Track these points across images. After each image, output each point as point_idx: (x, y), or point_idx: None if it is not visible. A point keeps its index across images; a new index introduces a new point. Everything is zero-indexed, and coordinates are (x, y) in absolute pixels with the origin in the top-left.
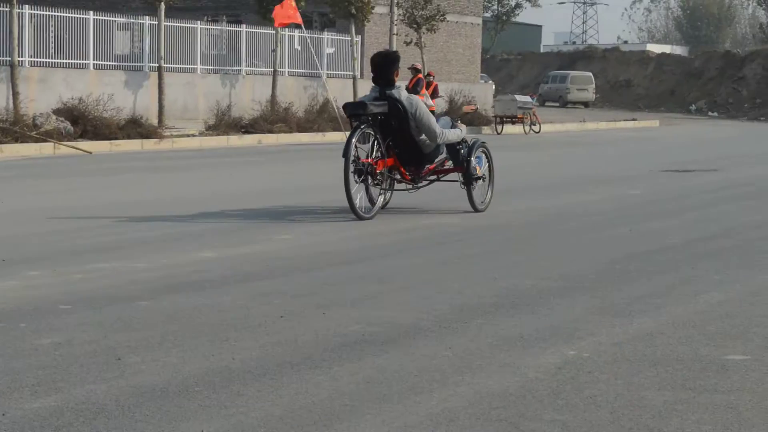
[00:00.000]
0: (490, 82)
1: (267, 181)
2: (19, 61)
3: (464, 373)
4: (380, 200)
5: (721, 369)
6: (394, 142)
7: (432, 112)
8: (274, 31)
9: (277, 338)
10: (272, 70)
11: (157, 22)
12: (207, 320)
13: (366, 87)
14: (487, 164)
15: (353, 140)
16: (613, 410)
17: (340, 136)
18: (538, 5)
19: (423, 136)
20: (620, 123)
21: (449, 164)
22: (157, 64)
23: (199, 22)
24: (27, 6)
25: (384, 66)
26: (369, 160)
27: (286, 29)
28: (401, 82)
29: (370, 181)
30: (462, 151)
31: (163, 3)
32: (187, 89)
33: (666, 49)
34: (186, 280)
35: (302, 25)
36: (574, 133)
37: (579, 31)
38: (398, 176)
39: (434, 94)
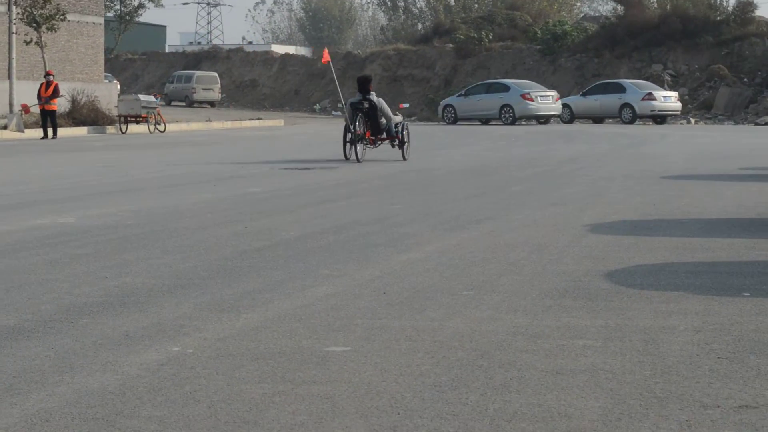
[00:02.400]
0: (115, 81)
1: None
2: None
3: (65, 373)
4: (364, 153)
5: (321, 361)
6: (369, 122)
7: None
8: None
9: None
10: None
11: None
12: None
13: None
14: (407, 135)
15: (357, 122)
16: (211, 404)
17: None
18: (161, 5)
19: (382, 119)
20: (246, 122)
21: (384, 135)
22: None
23: None
24: None
25: (364, 83)
26: (356, 133)
27: None
28: None
29: (363, 142)
30: (398, 128)
31: None
32: None
33: (290, 49)
34: None
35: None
36: (200, 133)
37: (204, 32)
38: (366, 141)
39: (55, 94)
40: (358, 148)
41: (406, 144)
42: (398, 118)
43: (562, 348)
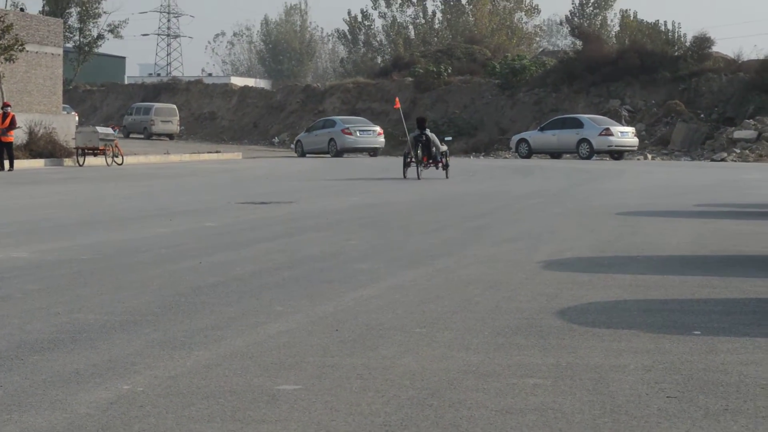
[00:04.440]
0: (73, 113)
1: None
2: None
3: (13, 411)
4: (422, 173)
5: (271, 399)
6: (425, 150)
7: None
8: None
9: None
10: None
11: None
12: None
13: None
14: (448, 160)
15: (418, 150)
16: None
17: None
18: (120, 37)
19: (433, 149)
20: (204, 155)
21: (430, 161)
22: None
23: None
24: None
25: (422, 122)
26: (419, 158)
27: None
28: None
29: (422, 165)
30: (442, 155)
31: None
32: None
33: (249, 82)
34: None
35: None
36: (158, 165)
37: (164, 63)
38: (423, 165)
39: (12, 125)
40: (418, 169)
41: (448, 167)
42: (444, 147)
43: (513, 387)
